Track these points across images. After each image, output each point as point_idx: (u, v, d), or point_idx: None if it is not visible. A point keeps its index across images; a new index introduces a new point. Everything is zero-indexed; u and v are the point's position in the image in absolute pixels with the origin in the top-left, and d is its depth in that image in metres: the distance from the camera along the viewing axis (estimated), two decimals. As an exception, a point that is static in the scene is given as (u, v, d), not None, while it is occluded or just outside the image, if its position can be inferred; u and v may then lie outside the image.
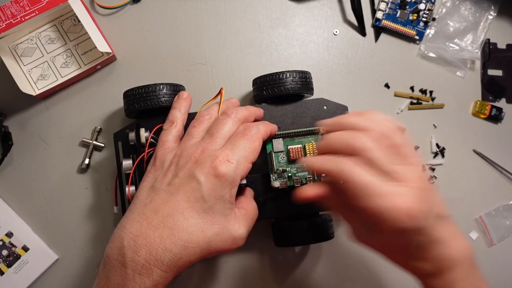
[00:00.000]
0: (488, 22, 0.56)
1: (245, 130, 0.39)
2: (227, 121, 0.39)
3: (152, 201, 0.36)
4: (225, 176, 0.36)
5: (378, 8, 0.55)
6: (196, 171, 0.36)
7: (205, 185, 0.36)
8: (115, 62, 0.52)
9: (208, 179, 0.36)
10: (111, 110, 0.51)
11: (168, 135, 0.41)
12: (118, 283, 0.34)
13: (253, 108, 0.43)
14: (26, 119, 0.51)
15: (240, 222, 0.38)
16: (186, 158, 0.37)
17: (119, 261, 0.34)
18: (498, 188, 0.54)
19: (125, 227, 0.35)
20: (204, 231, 0.35)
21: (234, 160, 0.37)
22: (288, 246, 0.49)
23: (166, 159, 0.39)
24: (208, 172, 0.36)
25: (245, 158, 0.38)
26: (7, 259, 0.48)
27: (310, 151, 0.44)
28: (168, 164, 0.38)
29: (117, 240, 0.35)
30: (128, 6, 0.53)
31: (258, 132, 0.39)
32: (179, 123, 0.42)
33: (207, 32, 0.53)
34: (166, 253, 0.34)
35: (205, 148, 0.37)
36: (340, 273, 0.51)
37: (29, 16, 0.46)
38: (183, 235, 0.35)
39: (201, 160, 0.37)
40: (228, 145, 0.38)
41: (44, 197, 0.50)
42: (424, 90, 0.54)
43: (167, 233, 0.34)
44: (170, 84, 0.45)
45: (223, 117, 0.40)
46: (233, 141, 0.38)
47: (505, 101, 0.56)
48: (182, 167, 0.37)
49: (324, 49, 0.54)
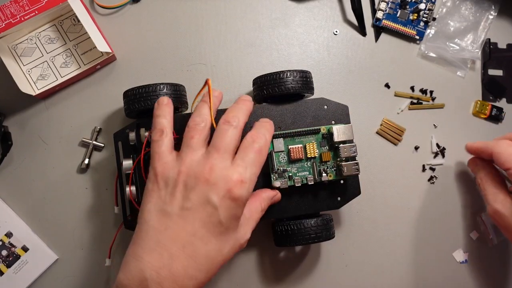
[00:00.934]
0: (489, 22, 0.56)
1: (254, 142, 0.37)
2: (230, 132, 0.37)
3: (168, 229, 0.35)
4: (240, 198, 0.35)
5: (378, 8, 0.55)
6: (210, 194, 0.34)
7: (221, 209, 0.34)
8: (115, 62, 0.52)
9: (223, 203, 0.35)
10: (111, 110, 0.51)
11: (162, 146, 0.38)
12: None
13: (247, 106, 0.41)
14: (26, 119, 0.50)
15: (245, 227, 0.38)
16: (194, 178, 0.35)
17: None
18: (499, 188, 0.54)
19: (143, 258, 0.34)
20: (221, 251, 0.36)
21: (247, 179, 0.35)
22: (288, 246, 0.49)
23: (169, 176, 0.36)
24: (223, 196, 0.34)
25: (256, 174, 0.37)
26: (7, 259, 0.48)
27: (311, 151, 0.44)
28: (173, 182, 0.36)
29: (136, 271, 0.34)
30: (128, 6, 0.53)
31: (266, 142, 0.38)
32: (168, 132, 0.39)
33: (207, 32, 0.53)
34: (191, 281, 0.34)
35: (214, 166, 0.35)
36: (340, 273, 0.51)
37: (28, 16, 0.46)
38: (205, 261, 0.35)
39: (212, 180, 0.35)
40: (239, 161, 0.36)
41: (44, 197, 0.50)
42: (424, 90, 0.54)
43: (190, 262, 0.34)
44: (170, 84, 0.45)
45: (226, 127, 0.37)
46: (243, 156, 0.37)
47: (506, 101, 0.56)
48: (192, 188, 0.35)
49: (324, 49, 0.54)
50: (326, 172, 0.45)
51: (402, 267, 0.52)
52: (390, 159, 0.53)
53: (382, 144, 0.53)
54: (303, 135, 0.45)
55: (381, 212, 0.52)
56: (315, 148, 0.44)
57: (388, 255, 0.52)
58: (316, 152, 0.44)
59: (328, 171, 0.45)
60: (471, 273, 0.52)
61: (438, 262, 0.52)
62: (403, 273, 0.52)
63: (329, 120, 0.46)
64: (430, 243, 0.52)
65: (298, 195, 0.45)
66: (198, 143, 0.37)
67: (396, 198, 0.53)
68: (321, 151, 0.45)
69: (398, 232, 0.52)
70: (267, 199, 0.42)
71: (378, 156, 0.53)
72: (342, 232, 0.51)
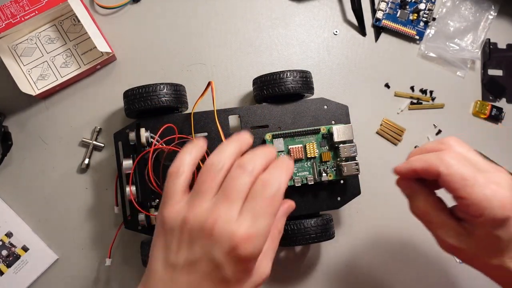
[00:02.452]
0: (489, 22, 0.56)
1: (265, 189, 0.32)
2: (243, 178, 0.32)
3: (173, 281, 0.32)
4: (248, 257, 0.31)
5: (378, 8, 0.55)
6: (213, 251, 0.31)
7: (227, 267, 0.31)
8: (115, 62, 0.52)
9: (229, 261, 0.31)
10: (111, 110, 0.51)
11: (175, 186, 0.34)
12: None
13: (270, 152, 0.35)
14: (26, 119, 0.50)
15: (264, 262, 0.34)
16: (198, 229, 0.32)
17: None
18: (499, 188, 0.54)
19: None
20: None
21: (255, 233, 0.31)
22: (288, 246, 0.49)
23: (175, 223, 0.33)
24: (227, 253, 0.30)
25: (269, 225, 0.32)
26: (7, 259, 0.48)
27: (311, 151, 0.44)
28: (179, 231, 0.33)
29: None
30: (128, 6, 0.53)
31: (280, 189, 0.32)
32: (186, 170, 0.34)
33: (207, 32, 0.53)
34: None
35: (219, 217, 0.31)
36: (340, 273, 0.51)
37: (28, 16, 0.46)
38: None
39: (216, 235, 0.31)
40: (247, 213, 0.31)
41: (44, 197, 0.50)
42: (424, 90, 0.54)
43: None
44: (170, 84, 0.45)
45: (239, 172, 0.33)
46: (253, 206, 0.31)
47: (506, 101, 0.56)
48: (195, 241, 0.32)
49: (324, 49, 0.54)
50: (326, 172, 0.45)
51: (402, 267, 0.52)
52: (390, 159, 0.53)
53: (382, 144, 0.53)
54: (303, 135, 0.45)
55: (381, 212, 0.52)
56: (315, 148, 0.44)
57: (388, 255, 0.52)
58: (316, 152, 0.45)
59: (328, 171, 0.45)
60: (471, 273, 0.52)
61: (438, 262, 0.52)
62: (403, 273, 0.52)
63: (329, 120, 0.46)
64: (430, 243, 0.52)
65: (298, 195, 0.45)
66: (209, 189, 0.33)
67: (396, 198, 0.52)
68: (321, 151, 0.45)
69: (398, 232, 0.52)
70: (282, 217, 0.37)
71: (378, 156, 0.53)
72: (342, 232, 0.51)
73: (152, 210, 0.43)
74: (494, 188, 0.33)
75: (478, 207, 0.33)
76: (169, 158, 0.45)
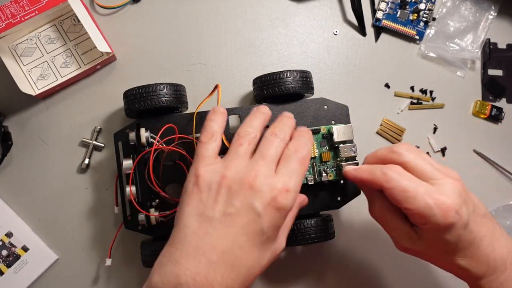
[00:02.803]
0: (489, 22, 0.56)
1: (297, 152, 0.37)
2: (277, 143, 0.37)
3: (208, 234, 0.34)
4: (284, 208, 0.34)
5: (378, 8, 0.55)
6: (255, 201, 0.34)
7: (265, 217, 0.34)
8: (115, 62, 0.52)
9: (268, 211, 0.34)
10: (111, 110, 0.51)
11: (209, 150, 0.37)
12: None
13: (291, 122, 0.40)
14: (26, 119, 0.50)
15: (282, 237, 0.38)
16: (238, 183, 0.34)
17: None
18: (498, 188, 0.54)
19: (180, 263, 0.33)
20: (260, 261, 0.35)
21: (292, 188, 0.35)
22: (288, 246, 0.49)
23: (212, 180, 0.35)
24: (268, 204, 0.34)
25: (300, 184, 0.36)
26: (7, 259, 0.48)
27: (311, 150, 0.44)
28: (216, 187, 0.35)
29: (172, 276, 0.33)
30: (128, 6, 0.53)
31: (308, 153, 0.37)
32: (218, 137, 0.38)
33: (207, 32, 0.53)
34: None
35: (259, 172, 0.34)
36: (340, 273, 0.51)
37: (28, 16, 0.46)
38: (244, 270, 0.34)
39: (257, 187, 0.34)
40: (284, 170, 0.35)
41: (44, 197, 0.50)
42: (424, 90, 0.54)
43: (228, 270, 0.33)
44: (170, 84, 0.45)
45: (273, 138, 0.37)
46: (287, 165, 0.36)
47: (506, 101, 0.56)
48: (235, 193, 0.34)
49: (324, 49, 0.54)
50: (326, 172, 0.45)
51: (402, 267, 0.52)
52: (390, 159, 0.53)
53: (382, 144, 0.53)
54: (303, 135, 0.45)
55: (381, 212, 0.52)
56: (315, 148, 0.44)
57: (388, 255, 0.52)
58: (316, 152, 0.45)
59: (328, 171, 0.45)
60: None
61: (438, 262, 0.52)
62: (403, 273, 0.52)
63: (329, 120, 0.46)
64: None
65: (298, 195, 0.45)
66: (246, 152, 0.36)
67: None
68: (321, 151, 0.45)
69: (398, 232, 0.52)
70: (297, 206, 0.41)
71: (378, 156, 0.53)
72: (342, 232, 0.51)
73: (152, 210, 0.43)
74: (436, 197, 0.34)
75: (421, 216, 0.35)
76: (169, 158, 0.45)
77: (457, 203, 0.34)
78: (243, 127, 0.38)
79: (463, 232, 0.35)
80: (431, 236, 0.36)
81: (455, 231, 0.35)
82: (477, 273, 0.37)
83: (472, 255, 0.37)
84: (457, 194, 0.35)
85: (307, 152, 0.37)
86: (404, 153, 0.37)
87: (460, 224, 0.35)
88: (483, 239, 0.36)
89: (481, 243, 0.36)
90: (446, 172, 0.37)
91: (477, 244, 0.36)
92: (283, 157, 0.36)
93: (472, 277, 0.38)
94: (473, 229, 0.36)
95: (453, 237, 0.35)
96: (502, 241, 0.37)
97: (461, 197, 0.35)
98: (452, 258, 0.37)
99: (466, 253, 0.37)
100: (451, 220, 0.34)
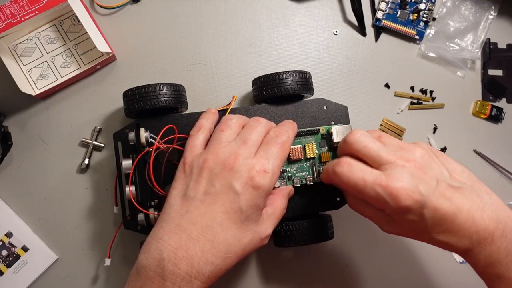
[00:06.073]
0: (489, 22, 0.56)
1: (277, 137, 0.39)
2: (259, 128, 0.39)
3: (189, 212, 0.36)
4: (262, 187, 0.36)
5: (378, 8, 0.55)
6: (233, 181, 0.36)
7: (243, 196, 0.35)
8: (115, 62, 0.52)
9: (245, 190, 0.36)
10: (111, 110, 0.51)
11: (196, 140, 0.40)
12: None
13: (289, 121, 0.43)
14: (26, 119, 0.50)
15: (267, 222, 0.39)
16: (219, 165, 0.37)
17: (158, 273, 0.34)
18: (499, 188, 0.54)
19: (162, 239, 0.35)
20: (240, 240, 0.36)
21: (270, 169, 0.36)
22: (288, 246, 0.49)
23: (196, 164, 0.38)
24: (246, 183, 0.36)
25: (278, 166, 0.38)
26: (7, 259, 0.48)
27: (310, 151, 0.44)
28: (199, 169, 0.37)
29: (155, 252, 0.35)
30: (128, 6, 0.53)
31: (289, 139, 0.39)
32: (206, 130, 0.41)
33: (207, 32, 0.53)
34: (208, 266, 0.34)
35: (239, 155, 0.37)
36: (340, 273, 0.51)
37: (28, 16, 0.46)
38: (223, 247, 0.35)
39: (236, 168, 0.36)
40: (262, 153, 0.37)
41: (44, 197, 0.50)
42: (424, 90, 0.54)
43: (208, 245, 0.34)
44: (170, 84, 0.45)
45: (256, 124, 0.40)
46: (266, 148, 0.38)
47: (506, 101, 0.56)
48: (216, 174, 0.36)
49: (324, 49, 0.54)
50: (326, 172, 0.45)
51: (402, 267, 0.52)
52: (390, 159, 0.53)
53: (382, 144, 0.53)
54: (302, 136, 0.45)
55: (380, 212, 0.52)
56: (314, 149, 0.44)
57: (388, 255, 0.52)
58: (315, 153, 0.45)
59: (328, 171, 0.45)
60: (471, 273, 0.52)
61: (438, 262, 0.52)
62: (403, 273, 0.52)
63: (329, 121, 0.46)
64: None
65: (298, 195, 0.45)
66: (227, 137, 0.39)
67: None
68: (320, 151, 0.45)
69: (398, 232, 0.52)
70: (286, 196, 0.43)
71: (378, 156, 0.53)
72: (342, 232, 0.51)
73: (152, 210, 0.43)
74: (385, 184, 0.35)
75: (377, 203, 0.37)
76: (168, 158, 0.45)
77: (408, 185, 0.35)
78: (226, 116, 0.42)
79: (425, 211, 0.35)
80: (399, 219, 0.37)
81: (415, 212, 0.35)
82: (461, 247, 0.36)
83: (449, 230, 0.36)
84: (407, 176, 0.35)
85: (287, 138, 0.39)
86: (354, 142, 0.38)
87: (417, 205, 0.35)
88: (458, 213, 0.35)
89: (455, 217, 0.35)
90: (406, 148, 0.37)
91: (450, 218, 0.35)
92: (264, 141, 0.39)
93: (458, 251, 0.37)
94: (439, 205, 0.35)
95: (416, 217, 0.36)
96: (489, 213, 0.36)
97: (415, 177, 0.35)
98: (429, 235, 0.37)
99: (440, 229, 0.36)
100: (404, 203, 0.35)
